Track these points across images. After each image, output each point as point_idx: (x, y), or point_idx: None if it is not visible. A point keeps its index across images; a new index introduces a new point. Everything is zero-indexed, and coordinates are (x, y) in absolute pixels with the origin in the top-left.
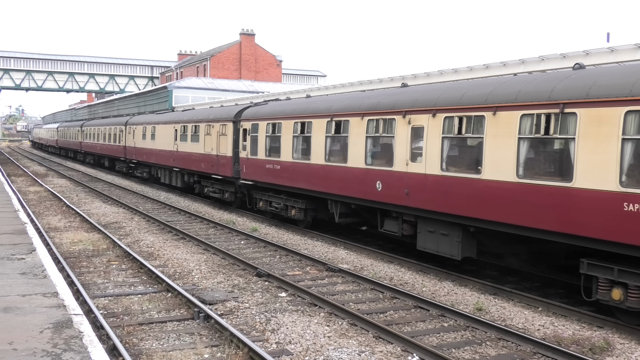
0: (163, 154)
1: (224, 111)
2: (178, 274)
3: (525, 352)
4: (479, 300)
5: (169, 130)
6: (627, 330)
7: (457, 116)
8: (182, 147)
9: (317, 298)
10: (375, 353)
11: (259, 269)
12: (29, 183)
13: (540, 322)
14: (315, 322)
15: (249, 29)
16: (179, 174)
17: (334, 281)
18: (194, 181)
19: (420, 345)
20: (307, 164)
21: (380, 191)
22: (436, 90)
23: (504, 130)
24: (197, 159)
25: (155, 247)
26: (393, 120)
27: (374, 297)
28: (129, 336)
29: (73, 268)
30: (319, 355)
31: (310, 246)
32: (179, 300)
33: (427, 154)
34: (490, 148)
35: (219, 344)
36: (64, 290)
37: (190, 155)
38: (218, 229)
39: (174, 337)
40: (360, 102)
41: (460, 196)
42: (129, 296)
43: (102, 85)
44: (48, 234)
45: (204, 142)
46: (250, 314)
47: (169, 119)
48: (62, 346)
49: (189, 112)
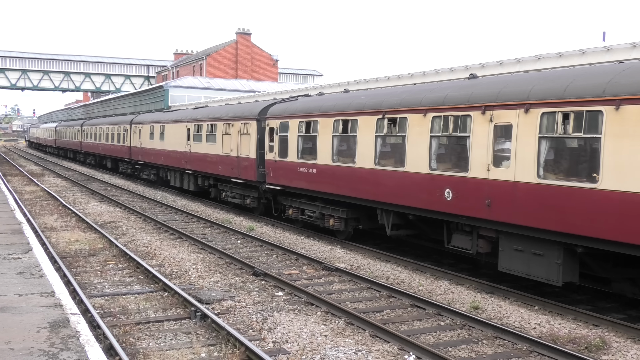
0: (173, 155)
1: (246, 108)
2: (175, 273)
3: (521, 350)
4: (476, 299)
5: (181, 129)
6: (623, 328)
7: (561, 112)
8: (195, 147)
9: (313, 297)
10: (372, 352)
11: (256, 268)
12: (25, 183)
13: (536, 320)
14: (312, 321)
15: (245, 28)
16: (191, 176)
17: (330, 280)
18: (209, 185)
19: (417, 344)
20: (351, 167)
21: (450, 201)
22: (527, 80)
23: (633, 128)
24: (214, 161)
25: (152, 246)
26: (468, 117)
27: (371, 296)
28: (125, 335)
29: (69, 267)
30: (316, 354)
31: (306, 245)
32: (175, 299)
33: (516, 158)
34: (612, 150)
35: (215, 343)
36: (60, 289)
37: (206, 157)
38: (215, 228)
39: (170, 337)
40: (421, 96)
41: (565, 209)
42: (125, 295)
43: (98, 85)
44: (44, 233)
45: (222, 142)
46: (247, 313)
47: (181, 117)
48: (59, 345)
49: (203, 110)
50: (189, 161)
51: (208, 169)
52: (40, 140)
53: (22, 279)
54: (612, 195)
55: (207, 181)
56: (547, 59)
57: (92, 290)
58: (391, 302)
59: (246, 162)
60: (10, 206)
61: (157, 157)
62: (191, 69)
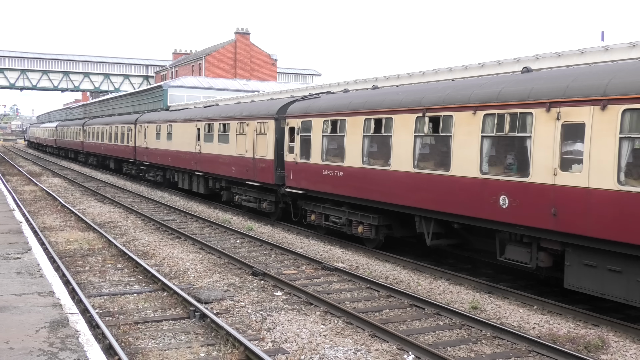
0: (182, 156)
1: (262, 106)
2: (174, 273)
3: (520, 350)
4: (475, 298)
5: (190, 129)
6: (622, 328)
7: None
8: (206, 148)
9: (312, 297)
10: (370, 352)
11: (255, 267)
12: (24, 182)
13: (535, 320)
14: (311, 321)
15: (244, 28)
16: (201, 178)
17: (329, 280)
18: (220, 187)
19: (416, 343)
20: (385, 170)
21: (506, 208)
22: (603, 72)
23: None
24: (227, 162)
25: (151, 246)
26: (528, 115)
27: (370, 296)
28: (124, 335)
29: (69, 267)
30: (315, 353)
31: (305, 245)
32: (174, 299)
33: (590, 161)
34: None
35: (214, 343)
36: (59, 289)
37: (218, 158)
38: (213, 228)
39: (169, 336)
40: (469, 92)
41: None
42: (124, 295)
43: (97, 85)
44: (43, 233)
45: (235, 142)
46: (246, 313)
47: (190, 116)
48: (59, 345)
49: (213, 109)
50: (199, 162)
51: (220, 170)
52: (40, 140)
53: (22, 278)
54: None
55: (219, 183)
56: (545, 58)
57: (91, 290)
58: (390, 301)
59: (263, 163)
60: (9, 206)
61: (163, 157)
62: (190, 69)
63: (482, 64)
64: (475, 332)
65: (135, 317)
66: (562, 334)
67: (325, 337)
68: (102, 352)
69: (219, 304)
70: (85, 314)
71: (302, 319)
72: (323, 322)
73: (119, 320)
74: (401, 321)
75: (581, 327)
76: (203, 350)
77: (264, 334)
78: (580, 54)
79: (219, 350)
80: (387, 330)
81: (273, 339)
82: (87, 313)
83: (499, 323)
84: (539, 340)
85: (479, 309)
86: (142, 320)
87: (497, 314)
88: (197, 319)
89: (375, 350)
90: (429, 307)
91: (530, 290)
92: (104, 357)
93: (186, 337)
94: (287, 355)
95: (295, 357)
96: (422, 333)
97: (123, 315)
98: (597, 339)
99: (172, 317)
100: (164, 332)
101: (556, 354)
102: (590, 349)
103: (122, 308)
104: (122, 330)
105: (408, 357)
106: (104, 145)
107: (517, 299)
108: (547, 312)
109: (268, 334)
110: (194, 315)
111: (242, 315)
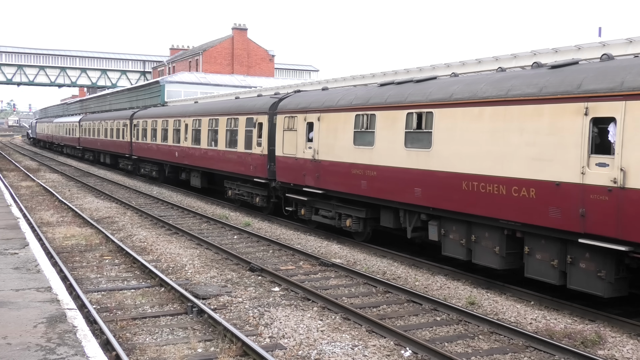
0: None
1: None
2: (171, 268)
3: (517, 345)
4: (472, 294)
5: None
6: (619, 323)
7: None
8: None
9: (310, 292)
10: (368, 347)
11: (252, 263)
12: (21, 178)
13: (532, 315)
14: (309, 317)
15: (242, 24)
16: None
17: (327, 276)
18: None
19: (413, 339)
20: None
21: None
22: None
23: None
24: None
25: (148, 241)
26: None
27: (367, 292)
28: (122, 331)
29: (66, 263)
30: (312, 349)
31: (303, 241)
32: (172, 294)
33: None
34: None
35: (212, 339)
36: (57, 284)
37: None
38: (211, 224)
39: (167, 332)
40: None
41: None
42: (122, 291)
43: (94, 80)
44: (41, 228)
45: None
46: (243, 309)
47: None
48: (56, 340)
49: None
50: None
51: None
52: (54, 138)
53: (19, 274)
54: None
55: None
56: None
57: (88, 285)
58: (387, 297)
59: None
60: (7, 201)
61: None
62: (187, 65)
63: (479, 60)
64: (473, 327)
65: (132, 313)
66: (559, 329)
67: (323, 333)
68: (100, 348)
69: (217, 299)
70: (83, 310)
71: (300, 315)
72: (320, 317)
73: (116, 315)
74: (398, 317)
75: (578, 323)
76: (200, 345)
77: (262, 330)
78: (577, 49)
79: (216, 346)
80: (385, 325)
81: (271, 335)
82: (84, 309)
83: (496, 318)
84: (536, 336)
85: (476, 304)
86: (139, 315)
87: (494, 309)
88: (194, 314)
89: (373, 345)
90: (426, 303)
91: (527, 286)
92: (102, 353)
93: (184, 332)
94: (285, 351)
95: (292, 353)
96: (419, 328)
97: (120, 311)
98: (594, 334)
99: (169, 313)
100: (161, 327)
101: (553, 349)
102: (587, 344)
103: (119, 304)
104: (119, 325)
105: (405, 352)
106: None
107: (514, 295)
108: (544, 307)
109: (266, 330)
110: (191, 310)
111: (240, 311)
